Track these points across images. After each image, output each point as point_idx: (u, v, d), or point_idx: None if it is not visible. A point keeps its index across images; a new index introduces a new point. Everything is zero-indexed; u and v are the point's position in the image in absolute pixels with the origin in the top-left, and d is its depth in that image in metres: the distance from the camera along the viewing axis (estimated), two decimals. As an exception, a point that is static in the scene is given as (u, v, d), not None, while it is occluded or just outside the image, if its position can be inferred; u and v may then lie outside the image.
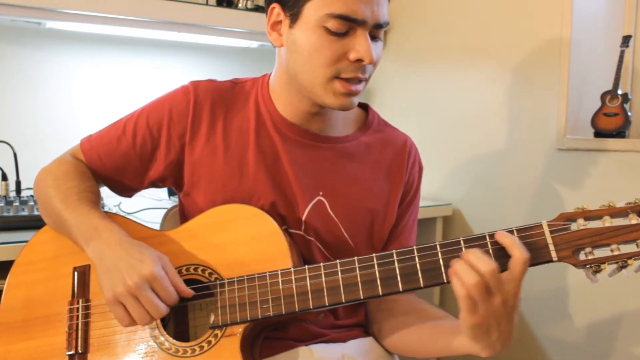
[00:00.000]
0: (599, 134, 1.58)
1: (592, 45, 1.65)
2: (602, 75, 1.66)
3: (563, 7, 1.58)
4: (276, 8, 0.94)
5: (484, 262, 0.76)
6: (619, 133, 1.54)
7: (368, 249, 1.05)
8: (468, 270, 0.76)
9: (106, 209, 1.35)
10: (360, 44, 0.89)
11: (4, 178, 1.42)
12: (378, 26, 0.91)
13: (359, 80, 0.93)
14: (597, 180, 1.55)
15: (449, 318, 0.98)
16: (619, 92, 1.56)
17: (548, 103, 1.63)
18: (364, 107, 1.12)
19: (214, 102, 1.02)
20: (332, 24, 0.88)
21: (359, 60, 0.90)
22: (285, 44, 0.95)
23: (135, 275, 0.82)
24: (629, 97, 1.57)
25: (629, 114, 1.54)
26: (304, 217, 1.00)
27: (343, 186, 1.03)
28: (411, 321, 1.00)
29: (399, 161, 1.08)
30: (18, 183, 1.45)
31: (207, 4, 1.76)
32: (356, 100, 0.95)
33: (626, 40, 1.56)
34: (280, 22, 0.95)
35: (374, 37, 0.92)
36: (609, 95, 1.57)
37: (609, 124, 1.55)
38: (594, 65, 1.67)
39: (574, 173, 1.59)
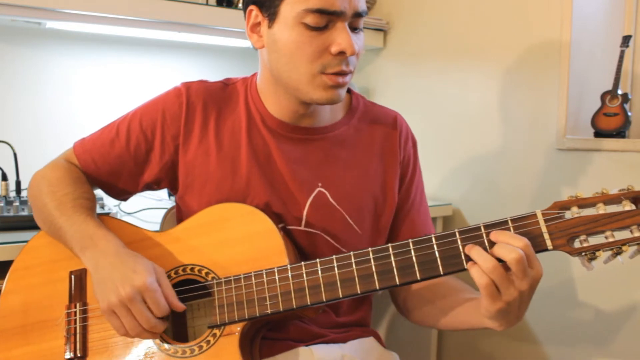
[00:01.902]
0: (599, 134, 1.57)
1: (592, 46, 1.65)
2: (602, 75, 1.66)
3: (563, 7, 1.57)
4: (254, 10, 0.95)
5: (518, 239, 0.78)
6: (619, 133, 1.54)
7: (375, 234, 1.05)
8: (506, 248, 0.78)
9: (106, 209, 1.35)
10: (340, 37, 0.89)
11: (4, 178, 1.42)
12: (357, 15, 0.91)
13: (345, 73, 0.92)
14: (597, 181, 1.54)
15: (467, 291, 0.99)
16: (619, 92, 1.55)
17: (548, 103, 1.63)
18: (347, 90, 1.11)
19: (206, 103, 1.02)
20: (311, 19, 0.88)
21: (342, 53, 0.90)
22: (266, 45, 0.95)
23: (128, 285, 0.82)
24: (629, 97, 1.57)
25: (629, 114, 1.54)
26: (304, 212, 1.00)
27: (341, 174, 1.03)
28: (438, 303, 1.02)
29: (391, 140, 1.08)
30: (18, 183, 1.45)
31: (207, 4, 1.75)
32: (343, 92, 0.95)
33: (626, 40, 1.56)
34: (259, 23, 0.95)
35: (354, 29, 0.92)
36: (609, 95, 1.56)
37: (609, 124, 1.55)
38: (594, 65, 1.66)
39: (573, 173, 1.59)
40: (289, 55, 0.91)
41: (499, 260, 0.78)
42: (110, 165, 1.03)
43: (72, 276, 0.95)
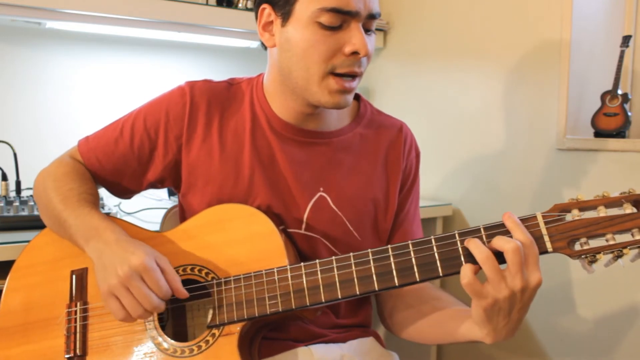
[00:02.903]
0: (599, 134, 1.57)
1: (592, 46, 1.65)
2: (602, 75, 1.66)
3: (563, 7, 1.58)
4: (267, 9, 0.94)
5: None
6: (619, 133, 1.54)
7: (374, 240, 1.05)
8: (504, 238, 0.77)
9: (106, 209, 1.35)
10: (355, 37, 0.89)
11: (4, 178, 1.42)
12: (371, 17, 0.92)
13: (353, 77, 0.92)
14: (597, 181, 1.55)
15: (458, 304, 0.98)
16: (619, 92, 1.56)
17: (548, 103, 1.63)
18: (356, 97, 1.11)
19: (210, 102, 1.02)
20: (326, 18, 0.88)
21: (355, 54, 0.90)
22: (278, 44, 0.95)
23: (126, 265, 0.82)
24: (629, 97, 1.57)
25: (629, 114, 1.54)
26: (305, 215, 1.00)
27: (343, 180, 1.02)
28: (420, 307, 1.00)
29: (396, 149, 1.08)
30: (18, 183, 1.45)
31: (207, 4, 1.76)
32: (350, 97, 0.95)
33: (626, 40, 1.56)
34: (271, 22, 0.95)
35: (367, 30, 0.93)
36: (609, 95, 1.56)
37: (609, 124, 1.55)
38: (594, 65, 1.66)
39: (573, 173, 1.59)
40: (301, 54, 0.91)
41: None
42: (114, 164, 1.03)
43: (73, 275, 0.96)
